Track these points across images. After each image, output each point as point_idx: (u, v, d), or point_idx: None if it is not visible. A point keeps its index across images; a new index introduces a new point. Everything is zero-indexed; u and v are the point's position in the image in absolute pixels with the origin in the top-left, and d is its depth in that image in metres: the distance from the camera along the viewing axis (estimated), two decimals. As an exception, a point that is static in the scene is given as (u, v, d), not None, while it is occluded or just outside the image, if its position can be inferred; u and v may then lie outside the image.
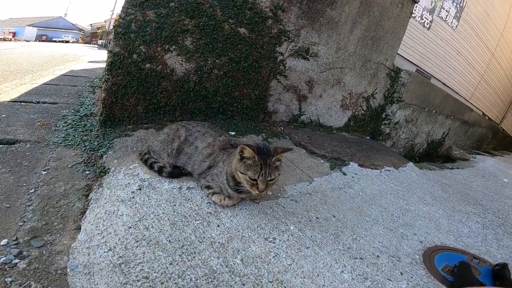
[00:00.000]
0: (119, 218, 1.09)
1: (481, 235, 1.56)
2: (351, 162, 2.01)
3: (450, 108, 4.56)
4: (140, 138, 1.76)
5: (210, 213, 1.18)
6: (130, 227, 1.05)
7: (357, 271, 1.08)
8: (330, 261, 1.10)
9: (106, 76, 1.85)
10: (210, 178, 1.23)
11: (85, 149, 1.72)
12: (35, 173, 1.43)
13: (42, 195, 1.27)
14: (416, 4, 2.99)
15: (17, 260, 0.96)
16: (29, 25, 28.97)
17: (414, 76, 3.33)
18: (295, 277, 0.99)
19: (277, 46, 2.26)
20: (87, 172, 1.49)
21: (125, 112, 1.91)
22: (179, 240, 1.02)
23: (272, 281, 0.96)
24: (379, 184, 1.89)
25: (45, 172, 1.44)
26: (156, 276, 0.89)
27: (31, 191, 1.29)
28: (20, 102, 2.61)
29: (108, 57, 1.85)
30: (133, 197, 1.20)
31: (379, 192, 1.79)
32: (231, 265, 0.98)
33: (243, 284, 0.92)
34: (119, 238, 1.00)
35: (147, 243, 0.99)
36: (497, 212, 1.93)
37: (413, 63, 4.25)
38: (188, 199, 1.23)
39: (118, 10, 2.05)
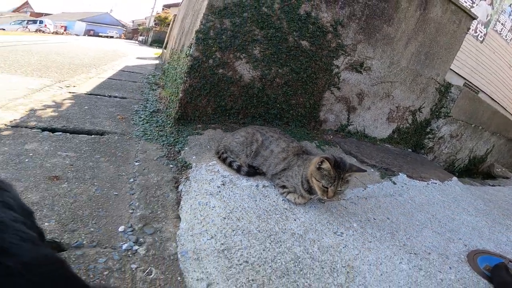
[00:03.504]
0: (212, 209, 1.28)
1: (518, 244, 1.68)
2: (400, 173, 2.10)
3: (497, 125, 4.40)
4: (210, 137, 1.97)
5: (286, 209, 1.34)
6: (224, 218, 1.23)
7: (412, 263, 1.24)
8: (389, 254, 1.25)
9: (184, 78, 2.06)
10: (285, 179, 1.40)
11: (163, 144, 1.95)
12: (129, 163, 1.65)
13: (141, 185, 1.45)
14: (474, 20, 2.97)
15: (136, 247, 1.05)
16: (79, 20, 31.19)
17: (465, 92, 3.29)
18: (362, 264, 1.15)
19: (334, 59, 2.38)
20: (171, 166, 1.70)
21: (196, 112, 2.13)
22: (266, 231, 1.19)
23: (345, 266, 1.11)
24: (427, 195, 1.98)
25: (137, 164, 1.66)
26: (254, 261, 1.06)
27: (130, 180, 1.47)
28: (95, 95, 2.95)
29: (188, 61, 2.06)
30: (219, 191, 1.39)
31: (427, 201, 1.89)
32: (311, 252, 1.14)
33: (322, 268, 1.08)
34: (218, 228, 1.18)
35: (242, 232, 1.16)
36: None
37: (461, 76, 4.15)
38: (266, 196, 1.40)
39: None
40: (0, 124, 1.81)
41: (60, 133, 1.83)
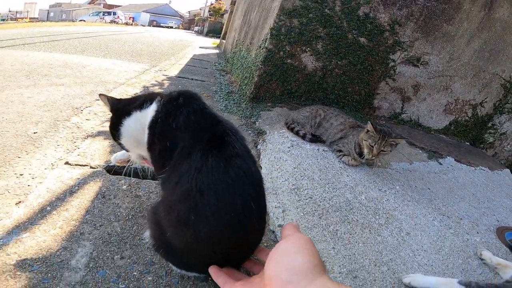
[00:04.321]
0: (285, 162, 1.80)
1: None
2: (448, 157, 2.36)
3: None
4: (279, 113, 2.49)
5: (341, 167, 1.80)
6: (294, 168, 1.73)
7: (444, 223, 1.57)
8: (424, 212, 1.61)
9: (259, 66, 2.60)
10: (342, 145, 1.84)
11: (241, 116, 2.53)
12: (220, 127, 2.28)
13: (231, 141, 2.07)
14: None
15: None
16: (143, 11, 34.48)
17: (533, 89, 3.26)
18: (400, 214, 1.54)
19: (391, 54, 2.69)
20: (249, 132, 2.26)
21: (267, 93, 2.67)
22: (325, 180, 1.67)
23: (385, 213, 1.53)
24: (472, 177, 2.21)
25: (226, 128, 2.28)
26: (316, 198, 1.53)
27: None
28: (182, 77, 3.69)
29: (263, 52, 2.60)
30: (289, 150, 1.90)
31: (470, 182, 2.13)
32: (359, 199, 1.58)
33: (367, 211, 1.52)
34: (289, 174, 1.68)
35: (307, 178, 1.65)
36: None
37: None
38: (325, 157, 1.87)
39: None
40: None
41: (169, 104, 2.53)
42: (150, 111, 0.90)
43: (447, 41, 2.78)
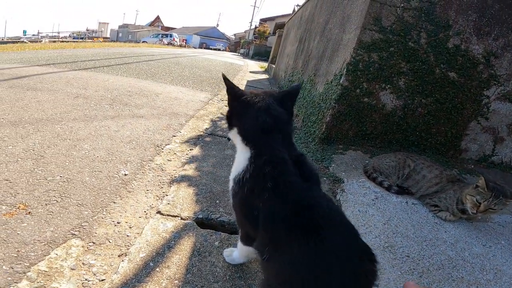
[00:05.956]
0: (372, 216, 1.72)
1: None
2: (555, 208, 2.08)
3: None
4: (353, 157, 2.43)
5: (436, 223, 1.68)
6: (384, 224, 1.65)
7: None
8: None
9: (333, 104, 2.59)
10: (438, 200, 1.73)
11: (312, 159, 2.51)
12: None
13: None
14: None
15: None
16: (195, 34, 37.46)
17: None
18: (509, 269, 1.42)
19: (485, 89, 2.51)
20: (324, 178, 2.20)
21: (338, 134, 2.64)
22: (421, 236, 1.56)
23: (493, 269, 1.41)
24: None
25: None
26: (414, 256, 1.44)
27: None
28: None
29: (338, 89, 2.58)
30: (374, 203, 1.83)
31: None
32: (462, 256, 1.46)
33: (473, 267, 1.40)
34: (379, 230, 1.61)
35: (401, 235, 1.57)
36: None
37: None
38: (416, 211, 1.77)
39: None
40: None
41: (240, 141, 2.64)
42: (244, 159, 0.90)
43: (551, 73, 2.51)
